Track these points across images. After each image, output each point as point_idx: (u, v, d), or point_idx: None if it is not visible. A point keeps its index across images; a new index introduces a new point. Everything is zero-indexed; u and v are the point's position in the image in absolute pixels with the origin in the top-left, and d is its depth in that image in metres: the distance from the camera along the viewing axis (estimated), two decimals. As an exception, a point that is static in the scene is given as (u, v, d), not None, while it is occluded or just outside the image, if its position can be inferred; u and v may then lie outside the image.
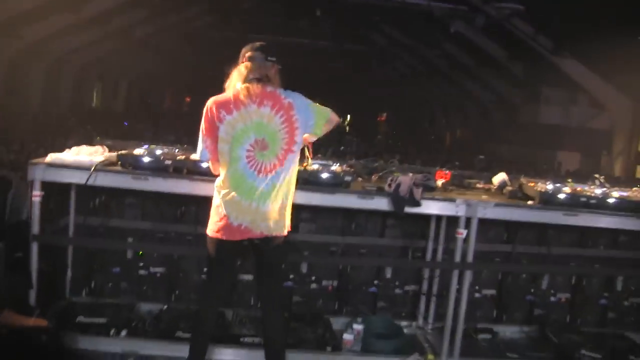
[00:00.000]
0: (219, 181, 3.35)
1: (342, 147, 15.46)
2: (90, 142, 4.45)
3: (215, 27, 22.65)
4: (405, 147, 19.88)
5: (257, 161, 3.22)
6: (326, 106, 3.43)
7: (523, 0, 12.40)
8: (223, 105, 3.22)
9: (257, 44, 3.37)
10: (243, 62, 3.31)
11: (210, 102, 3.25)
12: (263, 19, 21.71)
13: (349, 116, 46.78)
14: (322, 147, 14.24)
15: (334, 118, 3.43)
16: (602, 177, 4.81)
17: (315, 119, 3.35)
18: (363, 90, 37.77)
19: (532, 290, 5.28)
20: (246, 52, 3.34)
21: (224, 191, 3.28)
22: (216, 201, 3.34)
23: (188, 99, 40.18)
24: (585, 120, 17.75)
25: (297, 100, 3.31)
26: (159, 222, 4.94)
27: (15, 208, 6.17)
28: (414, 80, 27.57)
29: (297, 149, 3.34)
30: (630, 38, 11.95)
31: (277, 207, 3.29)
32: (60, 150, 4.14)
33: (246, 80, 3.26)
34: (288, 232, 3.43)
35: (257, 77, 3.25)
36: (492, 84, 21.42)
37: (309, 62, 29.70)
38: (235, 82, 3.29)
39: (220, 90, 3.34)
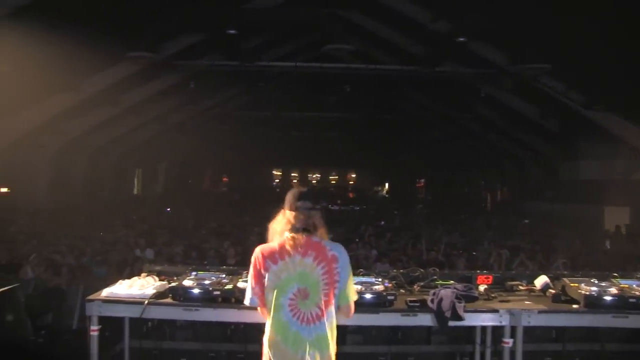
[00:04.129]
0: (266, 328, 3.31)
1: (382, 222, 15.25)
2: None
3: (247, 108, 23.35)
4: (446, 214, 19.56)
5: (300, 310, 3.20)
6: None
7: (551, 59, 12.37)
8: (269, 255, 3.24)
9: (304, 191, 3.38)
10: (290, 210, 3.31)
11: (258, 251, 3.27)
12: (293, 96, 22.26)
13: (387, 184, 46.99)
14: (362, 225, 14.11)
15: (351, 309, 3.34)
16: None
17: (346, 289, 3.30)
18: (398, 157, 37.88)
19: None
20: (293, 200, 3.33)
21: (270, 339, 3.25)
22: (265, 349, 3.28)
23: (225, 179, 41.11)
24: (630, 173, 17.21)
25: (342, 256, 3.28)
26: (210, 342, 5.03)
27: (67, 317, 6.40)
28: (449, 144, 27.57)
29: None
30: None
31: (323, 356, 3.22)
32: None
33: (293, 229, 3.26)
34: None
35: (303, 226, 3.26)
36: (527, 142, 21.22)
37: (342, 133, 30.09)
38: (283, 230, 3.29)
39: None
